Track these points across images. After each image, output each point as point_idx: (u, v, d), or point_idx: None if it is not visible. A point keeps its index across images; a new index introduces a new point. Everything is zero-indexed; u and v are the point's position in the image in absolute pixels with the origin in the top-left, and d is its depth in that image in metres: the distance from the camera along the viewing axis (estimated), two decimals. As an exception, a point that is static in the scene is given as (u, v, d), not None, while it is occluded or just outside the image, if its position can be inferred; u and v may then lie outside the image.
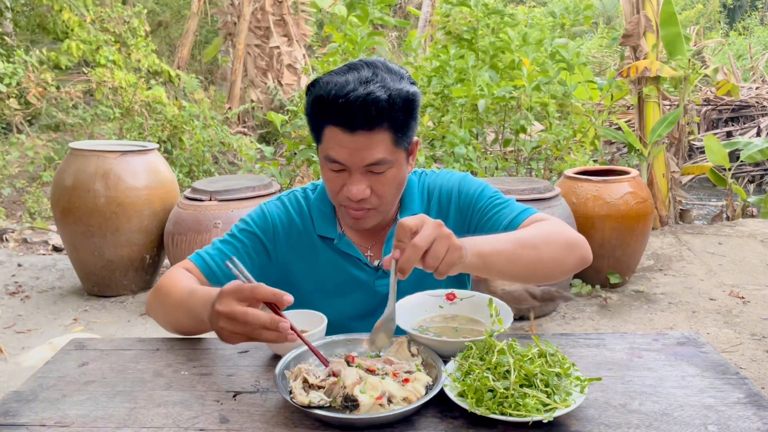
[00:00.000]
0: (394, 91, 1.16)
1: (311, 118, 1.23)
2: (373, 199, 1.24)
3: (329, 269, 1.35)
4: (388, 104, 1.15)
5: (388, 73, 1.18)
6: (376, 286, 1.35)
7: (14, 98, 6.68)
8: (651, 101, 5.51)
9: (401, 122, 1.19)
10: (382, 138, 1.18)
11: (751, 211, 6.12)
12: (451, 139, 4.70)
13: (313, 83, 1.21)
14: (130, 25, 7.68)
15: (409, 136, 1.24)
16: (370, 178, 1.22)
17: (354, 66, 1.19)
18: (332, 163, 1.21)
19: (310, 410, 0.96)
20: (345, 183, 1.22)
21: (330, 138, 1.20)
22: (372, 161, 1.19)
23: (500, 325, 1.12)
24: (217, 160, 7.54)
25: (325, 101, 1.16)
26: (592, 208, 4.01)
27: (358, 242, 1.37)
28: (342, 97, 1.13)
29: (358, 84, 1.14)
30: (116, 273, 4.03)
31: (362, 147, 1.17)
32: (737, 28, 19.03)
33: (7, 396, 1.09)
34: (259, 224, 1.37)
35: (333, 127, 1.18)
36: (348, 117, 1.15)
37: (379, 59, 1.23)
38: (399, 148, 1.22)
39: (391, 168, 1.22)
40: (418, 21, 9.92)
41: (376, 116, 1.15)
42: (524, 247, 1.16)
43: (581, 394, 0.96)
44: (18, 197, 6.33)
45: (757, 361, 3.16)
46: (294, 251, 1.37)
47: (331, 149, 1.20)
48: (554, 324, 3.66)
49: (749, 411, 0.98)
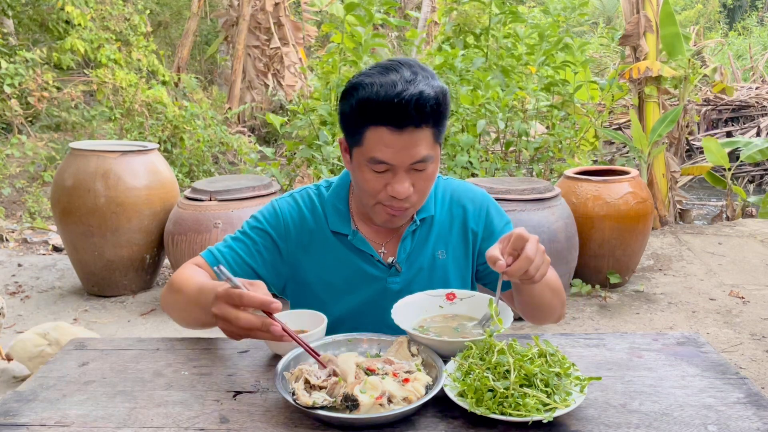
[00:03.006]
0: (438, 89, 1.19)
1: (353, 120, 1.22)
2: (414, 197, 1.26)
3: (341, 265, 1.36)
4: (436, 102, 1.18)
5: (424, 71, 1.21)
6: (389, 283, 1.36)
7: (16, 99, 6.68)
8: (651, 101, 5.52)
9: (442, 118, 1.22)
10: (425, 135, 1.20)
11: (751, 211, 6.12)
12: (453, 143, 4.71)
13: (354, 87, 1.21)
14: (131, 22, 7.67)
15: (444, 132, 1.27)
16: (413, 175, 1.24)
17: (391, 67, 1.20)
18: (378, 164, 1.21)
19: (311, 410, 0.96)
20: (388, 182, 1.23)
21: (374, 139, 1.19)
22: (418, 158, 1.21)
23: (500, 325, 1.12)
24: (217, 160, 7.54)
25: (374, 103, 1.16)
26: (592, 208, 4.01)
27: (372, 239, 1.38)
28: (395, 97, 1.14)
29: (406, 84, 1.16)
30: (116, 273, 4.03)
31: (409, 145, 1.19)
32: (737, 28, 19.04)
33: (7, 396, 1.09)
34: (270, 221, 1.38)
35: (379, 128, 1.18)
36: (400, 116, 1.16)
37: (412, 59, 1.25)
38: (437, 143, 1.25)
39: (431, 164, 1.25)
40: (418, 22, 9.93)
41: (427, 114, 1.17)
42: (551, 289, 1.33)
43: (581, 394, 0.96)
44: (18, 197, 6.33)
45: (757, 361, 3.16)
46: (305, 248, 1.37)
47: (377, 150, 1.20)
48: (554, 324, 3.66)
49: (749, 411, 0.98)
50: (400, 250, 1.36)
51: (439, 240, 1.38)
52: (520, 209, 3.52)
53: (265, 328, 1.03)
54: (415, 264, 1.37)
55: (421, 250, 1.37)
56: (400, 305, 1.22)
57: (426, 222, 1.38)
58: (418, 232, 1.37)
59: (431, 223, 1.39)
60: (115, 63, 7.14)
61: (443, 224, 1.40)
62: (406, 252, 1.36)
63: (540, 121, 5.66)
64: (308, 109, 5.00)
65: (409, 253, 1.36)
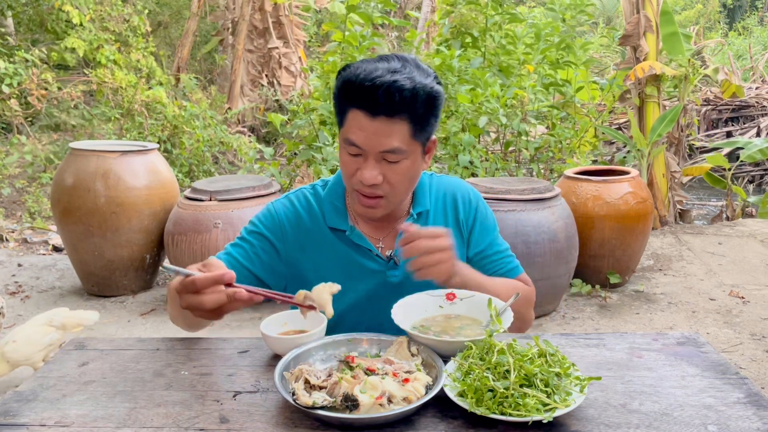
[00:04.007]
0: (419, 84, 1.20)
1: (337, 100, 1.28)
2: (385, 186, 1.28)
3: (340, 261, 1.39)
4: (411, 95, 1.19)
5: (417, 69, 1.24)
6: (388, 276, 1.38)
7: (15, 99, 6.68)
8: (651, 101, 5.52)
9: (421, 116, 1.24)
10: (400, 127, 1.22)
11: (751, 211, 6.12)
12: (454, 143, 4.70)
13: (344, 68, 1.27)
14: (130, 23, 7.67)
15: (428, 132, 1.29)
16: (384, 165, 1.26)
17: (386, 57, 1.25)
18: (350, 146, 1.25)
19: (311, 410, 0.96)
20: (360, 167, 1.26)
21: (352, 121, 1.24)
22: (388, 148, 1.23)
23: (500, 324, 1.12)
24: (217, 160, 7.54)
25: (353, 84, 1.21)
26: (592, 208, 4.01)
27: (370, 234, 1.41)
28: (369, 81, 1.18)
29: (386, 72, 1.19)
30: (116, 273, 4.03)
31: (380, 133, 1.22)
32: (737, 28, 19.03)
33: (8, 396, 1.09)
34: (266, 224, 1.41)
35: (356, 111, 1.23)
36: (372, 101, 1.20)
37: (411, 55, 1.28)
38: (416, 141, 1.26)
39: (405, 159, 1.26)
40: (418, 22, 9.93)
41: (398, 104, 1.20)
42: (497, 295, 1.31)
43: (581, 394, 0.96)
44: (18, 197, 6.33)
45: (757, 361, 3.16)
46: (303, 247, 1.40)
47: (351, 132, 1.24)
48: (554, 324, 3.66)
49: (749, 411, 0.98)
50: (398, 246, 1.38)
51: None
52: (520, 209, 3.51)
53: (230, 299, 1.09)
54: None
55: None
56: (400, 305, 1.22)
57: (422, 216, 1.42)
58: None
59: (427, 216, 1.43)
60: (115, 63, 7.14)
61: (438, 217, 1.44)
62: None
63: (540, 121, 5.66)
64: (308, 109, 5.00)
65: None
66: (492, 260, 1.46)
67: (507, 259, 1.48)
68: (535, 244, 3.49)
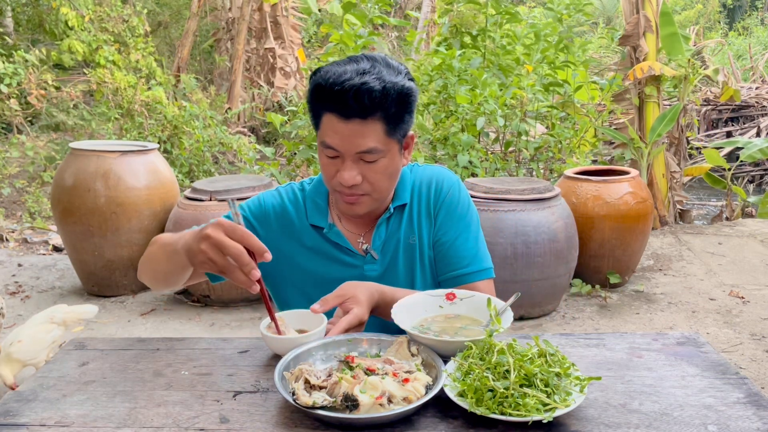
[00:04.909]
0: (389, 83, 1.21)
1: (311, 104, 1.30)
2: (365, 185, 1.29)
3: (319, 256, 1.41)
4: (382, 95, 1.20)
5: (386, 68, 1.24)
6: (365, 270, 1.41)
7: (15, 98, 6.68)
8: (651, 101, 5.52)
9: (394, 114, 1.24)
10: (374, 128, 1.23)
11: (751, 211, 6.12)
12: (453, 143, 4.70)
13: (315, 71, 1.27)
14: (129, 24, 7.67)
15: (403, 129, 1.30)
16: (362, 166, 1.27)
17: (354, 58, 1.26)
18: (327, 149, 1.27)
19: (311, 410, 0.96)
20: (339, 169, 1.28)
21: (326, 124, 1.26)
22: (364, 149, 1.24)
23: (499, 324, 1.12)
24: (217, 160, 7.53)
25: (323, 89, 1.22)
26: (592, 208, 4.01)
27: (350, 230, 1.43)
28: (338, 85, 1.19)
29: (355, 74, 1.20)
30: (116, 273, 4.03)
31: (355, 135, 1.23)
32: (737, 28, 19.03)
33: (7, 396, 1.09)
34: (253, 210, 1.45)
35: (330, 114, 1.24)
36: (343, 105, 1.20)
37: (380, 54, 1.29)
38: (392, 139, 1.27)
39: (383, 158, 1.27)
40: (417, 22, 9.93)
41: (369, 106, 1.20)
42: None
43: (581, 394, 0.96)
44: (18, 197, 6.33)
45: (757, 361, 3.17)
46: (285, 237, 1.43)
47: (327, 135, 1.26)
48: (554, 324, 3.66)
49: (749, 411, 0.98)
50: (375, 238, 1.41)
51: (410, 226, 1.43)
52: (520, 209, 3.52)
53: (246, 269, 1.07)
54: (389, 251, 1.42)
55: (395, 236, 1.42)
56: (400, 305, 1.22)
57: (399, 210, 1.43)
58: (393, 219, 1.43)
59: (403, 210, 1.43)
60: (114, 64, 7.13)
61: (413, 210, 1.44)
62: (381, 239, 1.41)
63: (540, 121, 5.66)
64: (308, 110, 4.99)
65: (384, 240, 1.41)
66: (446, 257, 1.41)
67: (465, 261, 1.40)
68: (535, 244, 3.49)
